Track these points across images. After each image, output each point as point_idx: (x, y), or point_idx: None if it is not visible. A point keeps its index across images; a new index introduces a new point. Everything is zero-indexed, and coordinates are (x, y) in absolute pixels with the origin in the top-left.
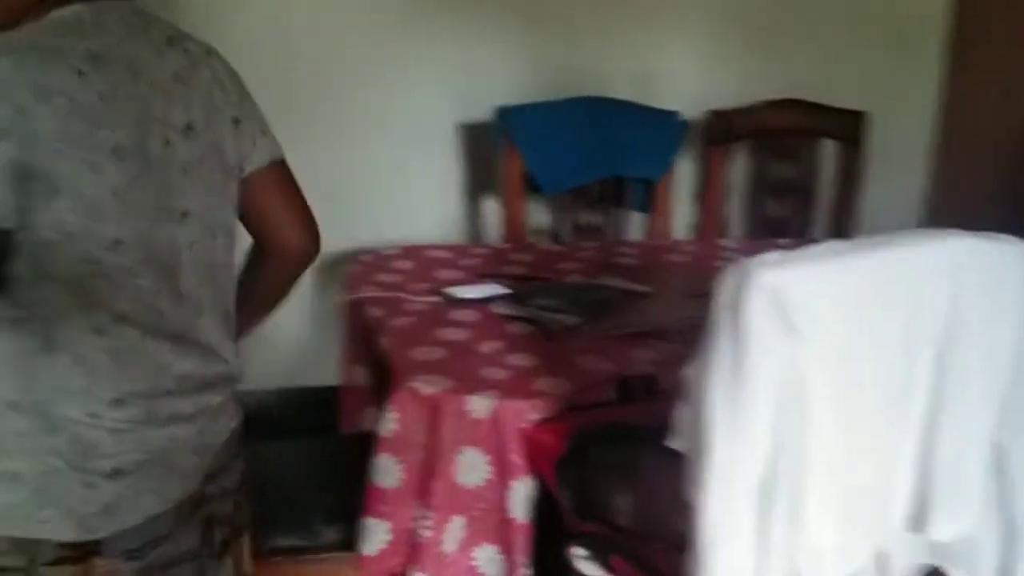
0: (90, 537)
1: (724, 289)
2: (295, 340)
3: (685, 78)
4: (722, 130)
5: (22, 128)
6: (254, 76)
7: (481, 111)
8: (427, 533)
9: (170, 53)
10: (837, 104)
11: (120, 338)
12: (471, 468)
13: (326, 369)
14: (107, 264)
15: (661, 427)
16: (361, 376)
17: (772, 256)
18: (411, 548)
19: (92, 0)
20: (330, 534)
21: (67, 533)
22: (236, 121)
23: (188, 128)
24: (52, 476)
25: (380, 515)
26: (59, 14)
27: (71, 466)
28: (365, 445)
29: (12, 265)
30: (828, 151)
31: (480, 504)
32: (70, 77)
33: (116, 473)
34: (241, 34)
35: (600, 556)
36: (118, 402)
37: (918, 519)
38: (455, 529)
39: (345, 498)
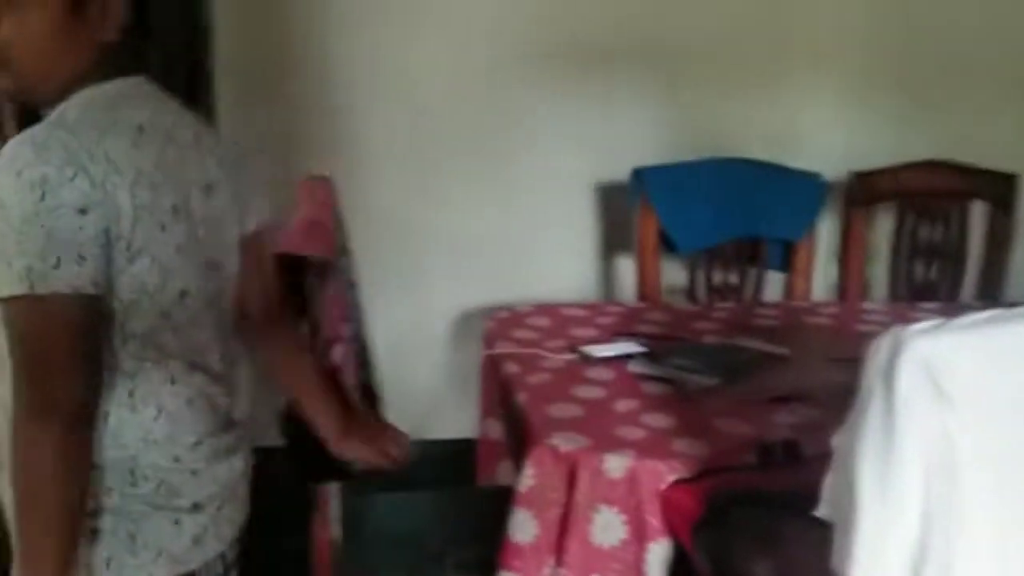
0: (183, 570)
1: (876, 356)
2: (430, 393)
3: (827, 137)
4: (865, 191)
5: (104, 200)
6: (394, 132)
7: (617, 171)
8: None
9: (187, 118)
10: (984, 165)
11: (190, 386)
12: (607, 528)
13: (461, 422)
14: (176, 317)
15: (805, 494)
16: (497, 430)
17: (926, 323)
18: None
19: (127, 76)
20: None
21: (161, 571)
22: (238, 180)
23: (208, 187)
24: (142, 521)
25: (515, 570)
26: (102, 89)
27: (156, 507)
28: (500, 498)
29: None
30: (976, 213)
31: (615, 565)
32: (128, 148)
33: (196, 508)
34: (382, 90)
35: None
36: (197, 444)
37: None
38: None
39: (480, 551)
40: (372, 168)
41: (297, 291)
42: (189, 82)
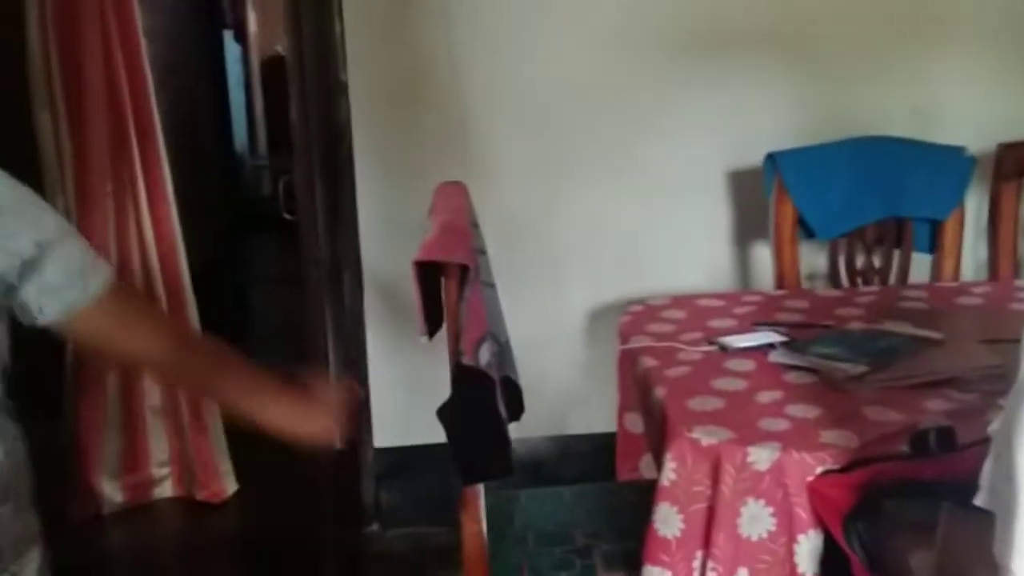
0: None
1: None
2: (567, 389)
3: (969, 110)
4: (1014, 163)
5: None
6: (524, 131)
7: (751, 157)
8: None
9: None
10: None
11: None
12: (754, 520)
13: (598, 417)
14: None
15: (963, 482)
16: (637, 424)
17: None
18: None
19: None
20: None
21: None
22: None
23: None
24: None
25: (662, 564)
26: None
27: None
28: (644, 493)
29: None
30: None
31: (765, 557)
32: None
33: None
34: (511, 90)
35: None
36: None
37: None
38: None
39: (626, 545)
40: (504, 169)
41: (436, 297)
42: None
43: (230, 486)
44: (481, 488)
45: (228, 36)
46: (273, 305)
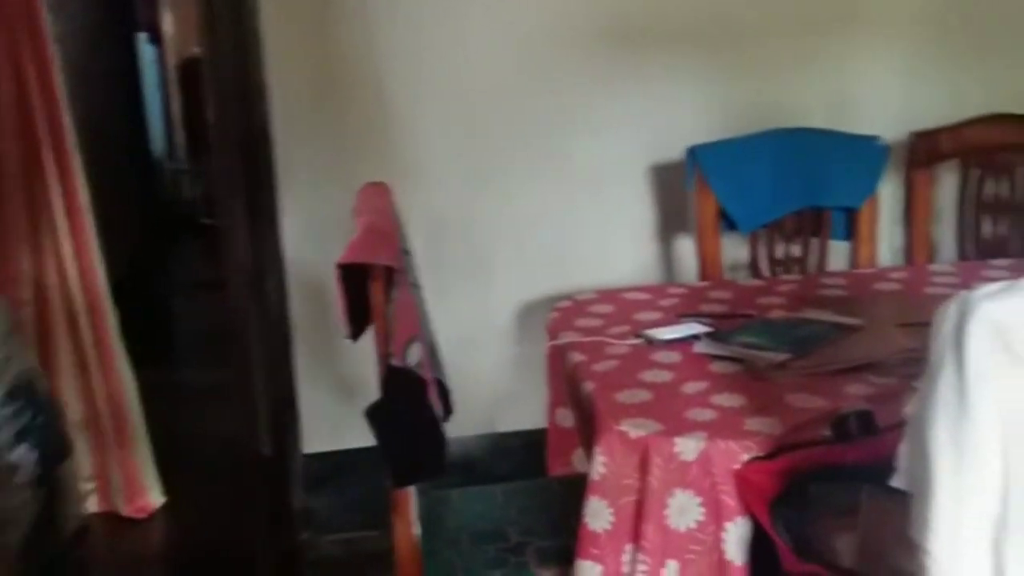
0: None
1: (944, 322)
2: (498, 386)
3: (883, 99)
4: (926, 151)
5: None
6: (448, 129)
7: (673, 151)
8: None
9: None
10: None
11: None
12: (683, 511)
13: (529, 413)
14: None
15: (882, 465)
16: (568, 419)
17: (994, 284)
18: None
19: None
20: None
21: None
22: None
23: None
24: None
25: (593, 558)
26: None
27: None
28: (576, 487)
29: None
30: None
31: (694, 547)
32: None
33: None
34: (434, 87)
35: None
36: None
37: None
38: (670, 573)
39: (559, 540)
40: (428, 169)
41: (361, 300)
42: (245, 100)
43: (157, 499)
44: (412, 490)
45: (142, 39)
46: (196, 311)
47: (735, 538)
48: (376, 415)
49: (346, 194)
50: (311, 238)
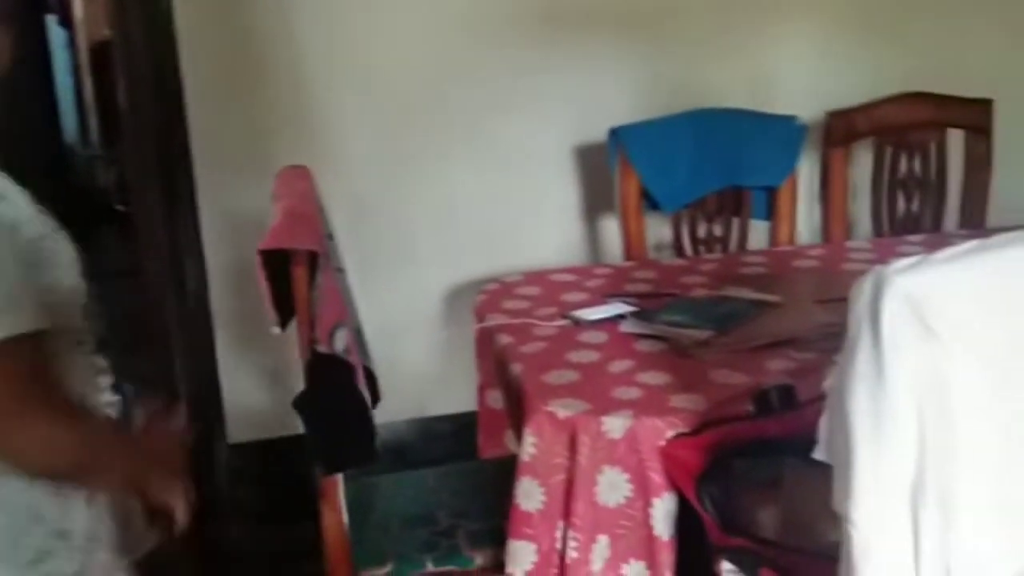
0: None
1: (860, 296)
2: (427, 370)
3: (801, 80)
4: (842, 130)
5: None
6: (370, 113)
7: (596, 132)
8: (574, 554)
9: None
10: (960, 94)
11: None
12: (612, 488)
13: (459, 397)
14: None
15: (804, 438)
16: (499, 400)
17: (908, 259)
18: (559, 569)
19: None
20: (480, 558)
21: None
22: None
23: None
24: None
25: (526, 537)
26: None
27: None
28: (507, 469)
29: None
30: (953, 142)
31: (623, 522)
32: None
33: None
34: (356, 72)
35: (749, 569)
36: None
37: None
38: (601, 548)
39: (491, 522)
40: (349, 151)
41: (285, 286)
42: (158, 84)
43: None
44: (340, 477)
45: (52, 21)
46: (113, 301)
47: (662, 513)
48: (304, 404)
49: (266, 178)
50: (231, 224)
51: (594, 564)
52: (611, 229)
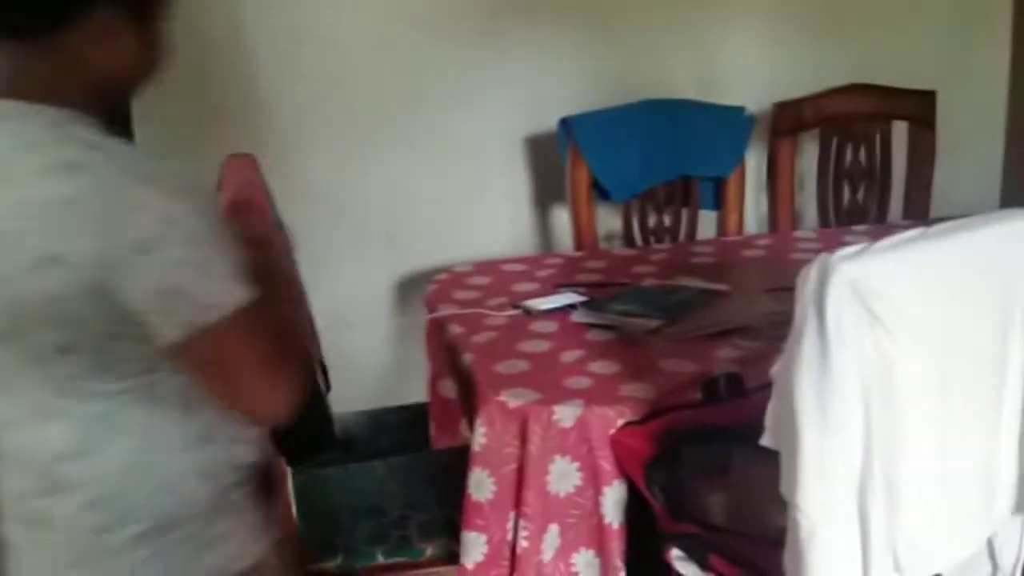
0: None
1: (806, 284)
2: (378, 361)
3: (748, 72)
4: (789, 121)
5: None
6: (319, 103)
7: (547, 122)
8: (525, 544)
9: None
10: (905, 85)
11: None
12: (562, 477)
13: (412, 388)
14: None
15: (751, 425)
16: (451, 390)
17: (852, 248)
18: (510, 559)
19: None
20: (431, 549)
21: None
22: None
23: None
24: None
25: (477, 528)
26: None
27: None
28: (458, 459)
29: None
30: (898, 133)
31: (574, 511)
32: None
33: None
34: (303, 61)
35: (698, 556)
36: None
37: None
38: (551, 538)
39: (443, 513)
40: (298, 141)
41: None
42: None
43: None
44: (288, 470)
45: None
46: None
47: (612, 501)
48: None
49: (211, 168)
50: None
51: (545, 553)
52: (562, 219)
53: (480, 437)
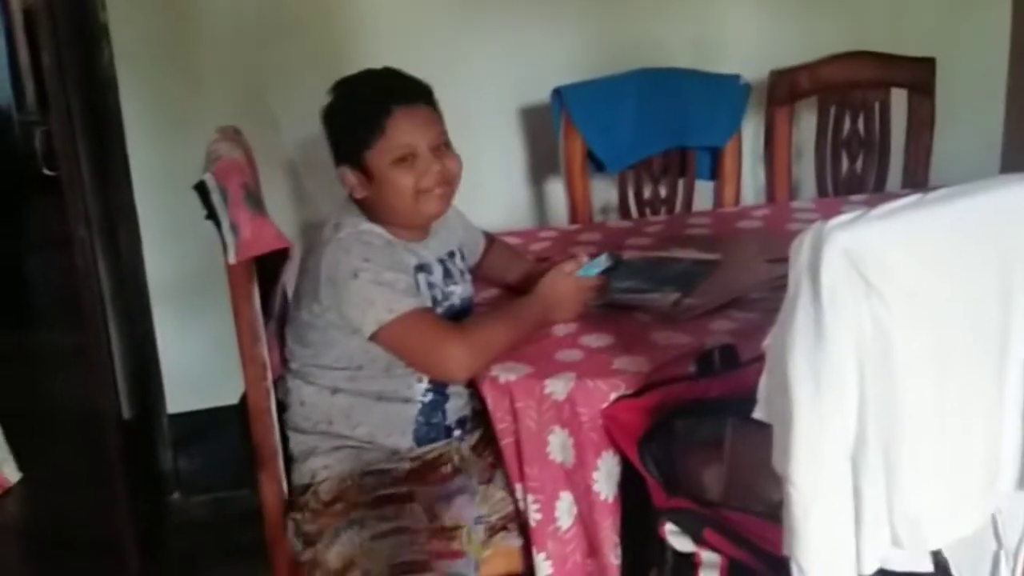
0: None
1: (800, 253)
2: None
3: (744, 40)
4: (786, 89)
5: None
6: (308, 70)
7: (540, 93)
8: (538, 516)
9: None
10: (903, 52)
11: None
12: (562, 448)
13: None
14: None
15: (746, 398)
16: None
17: (847, 216)
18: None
19: None
20: None
21: None
22: None
23: None
24: None
25: None
26: None
27: None
28: None
29: None
30: (896, 101)
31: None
32: None
33: None
34: (292, 28)
35: (692, 530)
36: None
37: None
38: (566, 506)
39: None
40: (287, 114)
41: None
42: (86, 44)
43: (12, 475)
44: (279, 446)
45: None
46: (52, 271)
47: (605, 476)
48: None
49: (200, 140)
50: (165, 187)
51: (560, 521)
52: (556, 192)
53: None
